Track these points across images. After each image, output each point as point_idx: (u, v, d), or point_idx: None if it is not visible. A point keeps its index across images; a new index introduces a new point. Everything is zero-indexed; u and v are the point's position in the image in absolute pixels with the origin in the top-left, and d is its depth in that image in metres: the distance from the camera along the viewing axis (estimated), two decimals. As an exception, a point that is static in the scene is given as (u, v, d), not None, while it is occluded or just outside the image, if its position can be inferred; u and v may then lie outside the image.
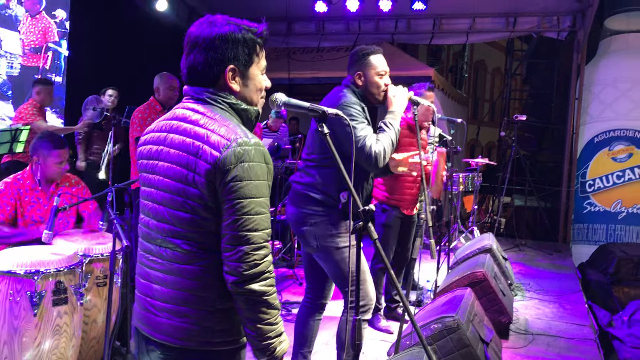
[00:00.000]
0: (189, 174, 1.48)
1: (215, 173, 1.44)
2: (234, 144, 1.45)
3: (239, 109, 1.59)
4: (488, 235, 5.66)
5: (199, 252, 1.51)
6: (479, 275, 4.20)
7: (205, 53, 1.55)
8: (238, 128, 1.52)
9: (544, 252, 7.68)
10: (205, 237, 1.51)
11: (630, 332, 5.02)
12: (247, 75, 1.61)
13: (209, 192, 1.46)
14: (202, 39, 1.55)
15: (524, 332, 4.41)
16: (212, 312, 1.52)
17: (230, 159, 1.44)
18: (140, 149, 1.67)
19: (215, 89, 1.58)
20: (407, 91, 2.85)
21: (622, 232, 8.35)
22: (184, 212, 1.50)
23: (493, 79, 24.47)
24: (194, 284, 1.51)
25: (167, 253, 1.54)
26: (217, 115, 1.54)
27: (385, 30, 9.13)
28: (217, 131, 1.48)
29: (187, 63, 1.59)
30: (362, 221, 1.64)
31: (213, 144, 1.46)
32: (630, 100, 8.46)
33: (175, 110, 1.63)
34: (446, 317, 3.18)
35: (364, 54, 2.80)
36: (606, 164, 8.57)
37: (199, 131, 1.50)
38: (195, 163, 1.47)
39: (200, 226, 1.50)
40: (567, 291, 5.67)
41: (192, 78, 1.59)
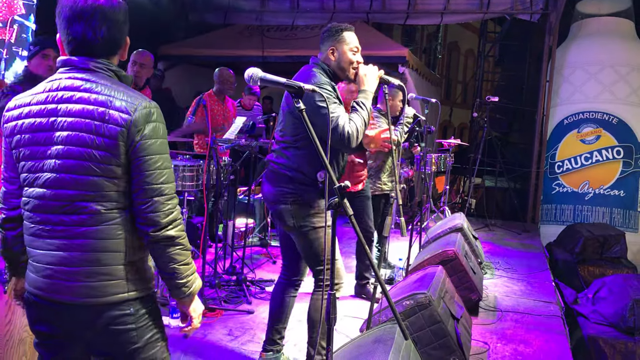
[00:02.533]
0: (96, 138, 1.55)
1: (127, 134, 1.54)
2: (140, 106, 1.56)
3: (120, 76, 1.67)
4: (459, 214, 5.74)
5: (108, 212, 1.58)
6: (450, 253, 4.27)
7: (119, 26, 1.64)
8: (134, 92, 1.62)
9: (513, 231, 7.83)
10: (115, 196, 1.59)
11: (594, 309, 5.16)
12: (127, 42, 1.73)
13: (119, 152, 1.55)
14: (100, 8, 1.60)
15: (493, 309, 4.51)
16: (125, 266, 1.62)
17: (139, 119, 1.55)
18: (14, 123, 1.65)
19: (102, 58, 1.64)
20: (377, 70, 2.85)
21: (589, 213, 8.56)
22: (94, 175, 1.56)
23: (466, 61, 24.63)
24: (104, 243, 1.59)
25: (71, 219, 1.59)
26: (108, 82, 1.61)
27: (360, 9, 9.10)
28: (118, 96, 1.57)
29: (77, 33, 1.61)
30: (337, 197, 1.65)
31: (119, 108, 1.55)
32: (599, 83, 8.62)
33: (58, 81, 1.63)
34: (418, 294, 3.23)
35: (337, 29, 2.78)
36: (575, 145, 8.74)
37: (99, 97, 1.57)
38: (102, 127, 1.54)
39: (111, 186, 1.58)
40: (534, 270, 5.81)
41: (83, 49, 1.63)
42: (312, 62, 2.81)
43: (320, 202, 2.70)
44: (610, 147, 8.52)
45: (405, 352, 2.37)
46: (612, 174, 8.51)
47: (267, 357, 3.04)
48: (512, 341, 3.87)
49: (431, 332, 3.18)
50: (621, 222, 8.41)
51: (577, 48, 8.94)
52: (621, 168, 8.49)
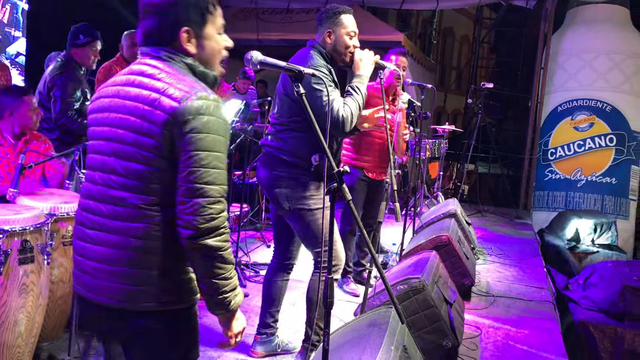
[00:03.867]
0: (143, 123, 1.47)
1: (173, 123, 1.44)
2: (193, 96, 1.45)
3: (196, 71, 1.58)
4: (452, 200, 5.77)
5: (148, 208, 1.48)
6: (443, 238, 4.29)
7: (158, 17, 1.56)
8: (197, 83, 1.52)
9: (506, 217, 7.88)
10: (157, 190, 1.49)
11: (584, 294, 5.23)
12: (203, 35, 1.60)
13: (165, 142, 1.45)
14: (152, 3, 1.55)
15: (486, 294, 4.55)
16: (158, 272, 1.50)
17: (190, 110, 1.43)
18: (92, 104, 1.64)
19: (173, 48, 1.58)
20: (373, 55, 2.85)
21: (581, 200, 8.61)
22: (137, 163, 1.48)
23: (461, 47, 24.52)
24: (139, 242, 1.48)
25: (109, 210, 1.51)
26: (174, 70, 1.53)
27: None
28: (175, 84, 1.48)
29: (142, 27, 1.59)
30: (336, 182, 1.65)
31: (171, 96, 1.45)
32: (593, 71, 8.63)
33: (131, 66, 1.61)
34: (412, 279, 3.25)
35: (335, 12, 2.77)
36: (568, 132, 8.78)
37: (156, 84, 1.49)
38: (151, 113, 1.46)
39: (153, 178, 1.48)
40: (526, 255, 5.85)
41: (149, 41, 1.59)
42: (309, 45, 2.80)
43: (315, 184, 2.71)
44: (604, 135, 8.56)
45: (399, 336, 2.40)
46: (604, 161, 8.56)
47: (261, 340, 3.07)
48: (504, 326, 3.92)
49: (425, 317, 3.21)
50: (613, 209, 8.47)
51: (573, 35, 8.94)
52: (613, 155, 8.54)
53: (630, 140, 8.59)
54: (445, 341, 3.16)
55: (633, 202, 8.81)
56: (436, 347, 3.18)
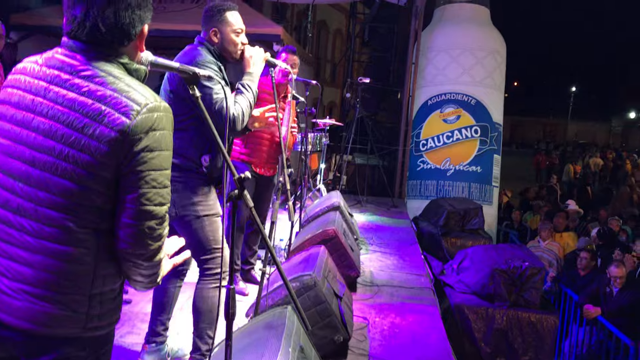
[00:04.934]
0: (83, 138, 1.29)
1: (122, 141, 1.28)
2: (144, 109, 1.30)
3: (131, 69, 1.42)
4: (335, 193, 5.88)
5: (80, 230, 1.33)
6: (330, 232, 4.36)
7: (131, 11, 1.37)
8: (145, 89, 1.36)
9: (383, 207, 8.18)
10: (92, 212, 1.33)
11: (459, 278, 5.57)
12: (144, 32, 1.47)
13: (108, 162, 1.29)
14: None
15: (370, 284, 4.68)
16: (88, 298, 1.38)
17: (143, 126, 1.29)
18: (5, 91, 1.42)
19: (112, 48, 1.39)
20: (263, 52, 2.80)
21: (450, 188, 9.17)
22: (70, 181, 1.30)
23: (334, 40, 25.07)
24: (68, 266, 1.33)
25: (34, 228, 1.33)
26: (114, 72, 1.36)
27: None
28: (123, 92, 1.31)
29: (78, 14, 1.36)
30: (237, 189, 1.59)
31: (120, 108, 1.29)
32: (459, 66, 9.20)
33: (55, 57, 1.39)
34: (304, 276, 3.27)
35: (219, 9, 2.69)
36: (438, 125, 9.29)
37: (98, 90, 1.31)
38: (93, 127, 1.28)
39: (87, 199, 1.32)
40: (405, 243, 6.12)
41: (84, 34, 1.37)
42: (197, 41, 2.69)
43: (204, 189, 2.61)
44: (469, 127, 9.16)
45: (296, 337, 2.39)
46: (470, 151, 9.17)
47: (150, 349, 2.91)
48: (389, 314, 4.06)
49: (317, 313, 3.24)
50: (478, 195, 9.11)
51: (440, 32, 9.45)
52: (478, 146, 9.17)
53: (493, 132, 9.28)
54: (337, 336, 3.22)
55: (495, 188, 9.55)
56: (328, 342, 3.23)
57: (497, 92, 9.44)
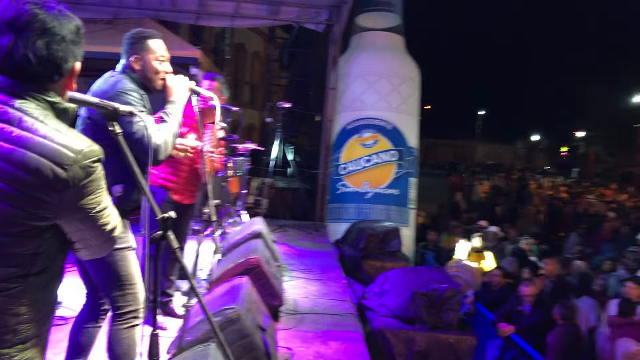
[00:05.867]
0: (11, 190, 1.20)
1: (60, 192, 1.22)
2: (79, 156, 1.24)
3: (59, 109, 1.33)
4: (258, 219, 5.82)
5: (6, 280, 1.25)
6: (253, 261, 4.29)
7: (65, 45, 1.29)
8: (74, 133, 1.29)
9: (305, 231, 8.19)
10: (20, 261, 1.26)
11: (380, 302, 5.63)
12: (75, 69, 1.39)
13: (41, 209, 1.22)
14: (56, 25, 1.27)
15: (294, 313, 4.64)
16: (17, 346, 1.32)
17: (78, 176, 1.24)
18: None
19: (40, 84, 1.29)
20: (187, 80, 2.75)
21: (370, 211, 9.32)
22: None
23: (253, 63, 25.12)
24: None
25: None
26: (40, 116, 1.26)
27: (149, 6, 8.69)
28: (52, 139, 1.23)
29: (4, 46, 1.25)
30: (160, 230, 1.53)
31: (54, 157, 1.21)
32: (376, 92, 9.44)
33: None
34: (227, 309, 3.19)
35: (141, 37, 2.62)
36: (356, 149, 9.46)
37: (26, 137, 1.21)
38: (21, 177, 1.19)
39: (16, 248, 1.24)
40: (327, 269, 6.14)
41: (10, 67, 1.26)
42: (117, 69, 2.59)
43: None
44: (387, 151, 9.39)
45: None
46: (388, 175, 9.40)
47: (63, 395, 2.72)
48: (314, 343, 4.03)
49: (241, 347, 3.16)
50: (397, 218, 9.32)
51: (357, 59, 9.68)
52: (395, 169, 9.42)
53: (408, 155, 9.56)
54: (262, 370, 3.15)
55: (412, 210, 9.82)
56: (254, 376, 3.16)
57: (412, 118, 9.77)
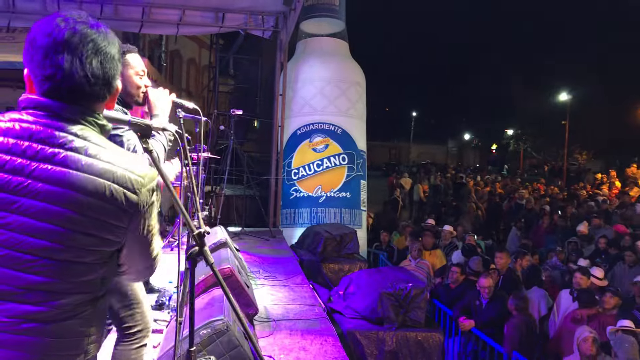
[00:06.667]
0: (84, 219, 1.18)
1: (131, 216, 1.22)
2: (146, 180, 1.25)
3: (106, 130, 1.32)
4: (219, 228, 5.77)
5: (77, 304, 1.24)
6: (226, 271, 4.27)
7: (114, 63, 1.27)
8: (133, 157, 1.29)
9: (262, 238, 8.16)
10: (89, 287, 1.27)
11: (346, 304, 5.71)
12: (118, 87, 1.39)
13: (115, 237, 1.23)
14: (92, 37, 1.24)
15: (267, 320, 4.64)
16: None
17: (146, 198, 1.26)
18: None
19: (91, 106, 1.27)
20: (168, 93, 2.73)
21: (323, 214, 9.42)
22: (66, 261, 1.20)
23: (189, 69, 24.71)
24: (60, 343, 1.25)
25: (19, 309, 1.20)
26: (99, 141, 1.25)
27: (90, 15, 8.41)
28: (119, 164, 1.22)
29: (58, 68, 1.21)
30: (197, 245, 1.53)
31: (124, 183, 1.21)
32: (325, 97, 9.55)
33: (28, 127, 1.20)
34: (215, 321, 3.18)
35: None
36: (308, 154, 9.53)
37: (95, 164, 1.19)
38: (96, 205, 1.18)
39: (87, 275, 1.24)
40: (291, 274, 6.15)
41: (65, 90, 1.23)
42: None
43: None
44: (337, 155, 9.51)
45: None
46: (339, 178, 9.52)
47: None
48: (293, 349, 4.05)
49: (231, 358, 3.16)
50: (349, 220, 9.46)
51: (304, 65, 9.76)
52: (346, 173, 9.55)
53: (358, 159, 9.71)
54: (253, 379, 3.15)
55: (364, 212, 9.98)
56: (244, 386, 3.15)
57: (360, 121, 9.93)
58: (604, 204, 13.43)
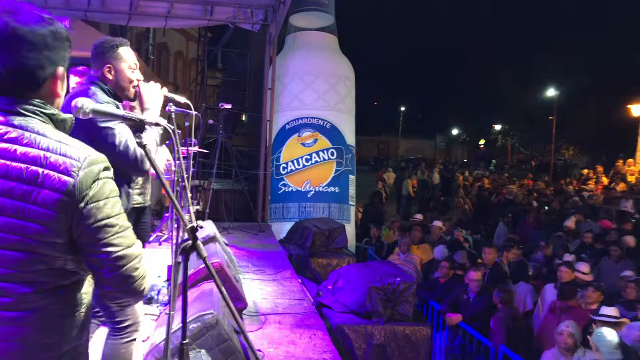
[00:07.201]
0: (25, 207, 1.18)
1: (69, 202, 1.20)
2: (84, 163, 1.24)
3: (57, 120, 1.32)
4: (208, 222, 5.76)
5: (42, 294, 1.25)
6: (215, 265, 4.25)
7: (37, 52, 1.24)
8: (76, 142, 1.29)
9: (251, 232, 8.15)
10: (49, 276, 1.25)
11: (335, 299, 5.72)
12: (65, 77, 1.36)
13: (57, 226, 1.21)
14: (26, 32, 1.23)
15: (256, 314, 4.64)
16: (59, 357, 1.31)
17: (85, 181, 1.23)
18: None
19: (32, 98, 1.27)
20: (160, 87, 2.71)
21: (312, 209, 9.42)
22: (19, 251, 1.20)
23: (176, 62, 24.63)
24: (32, 331, 1.25)
25: None
26: (41, 129, 1.25)
27: (77, 7, 8.34)
28: (55, 150, 1.22)
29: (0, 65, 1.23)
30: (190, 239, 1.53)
31: (58, 167, 1.21)
32: (314, 92, 9.53)
33: None
34: (205, 315, 3.17)
35: (112, 45, 2.56)
36: (296, 148, 9.52)
37: (31, 152, 1.20)
38: (34, 193, 1.19)
39: (41, 265, 1.23)
40: (279, 268, 6.15)
41: (10, 87, 1.25)
42: (87, 81, 2.52)
43: None
44: (326, 149, 9.51)
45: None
46: (328, 173, 9.52)
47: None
48: (282, 343, 4.06)
49: (220, 351, 3.15)
50: (338, 215, 9.47)
51: (293, 59, 9.73)
52: (335, 167, 9.55)
53: (347, 153, 9.72)
54: (243, 373, 3.16)
55: (352, 207, 10.00)
56: (235, 380, 3.15)
57: (349, 116, 9.93)
58: (589, 199, 13.56)
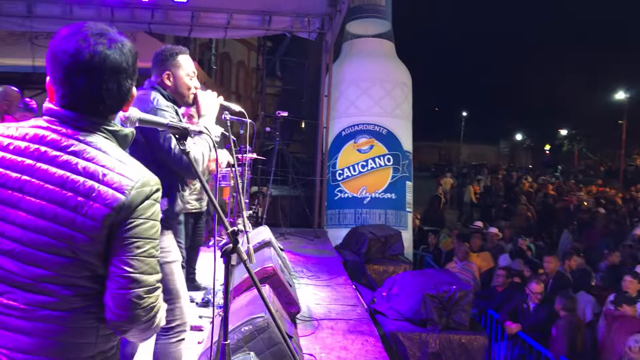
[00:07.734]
0: (76, 217, 1.26)
1: (115, 218, 1.27)
2: (137, 184, 1.30)
3: (120, 136, 1.40)
4: (264, 228, 5.86)
5: (81, 297, 1.32)
6: (269, 270, 4.34)
7: (119, 75, 1.34)
8: (134, 162, 1.35)
9: (307, 238, 8.22)
10: (90, 282, 1.32)
11: (389, 306, 5.69)
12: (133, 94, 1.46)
13: (102, 238, 1.28)
14: (115, 58, 1.32)
15: (309, 319, 4.68)
16: (93, 358, 1.37)
17: (136, 201, 1.29)
18: None
19: (105, 116, 1.37)
20: (216, 95, 2.80)
21: (368, 215, 9.40)
22: (66, 257, 1.28)
23: (238, 72, 25.13)
24: (72, 331, 1.32)
25: (35, 299, 1.30)
26: (104, 146, 1.33)
27: (141, 20, 8.69)
28: (113, 168, 1.29)
29: (78, 89, 1.32)
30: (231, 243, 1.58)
31: (112, 184, 1.27)
32: (370, 98, 9.54)
33: (41, 132, 1.33)
34: (256, 318, 3.24)
35: (172, 53, 2.67)
36: (352, 154, 9.55)
37: (90, 167, 1.28)
38: (85, 205, 1.26)
39: (81, 271, 1.30)
40: (334, 274, 6.18)
41: (82, 105, 1.34)
42: (148, 86, 2.63)
43: (163, 233, 2.53)
44: (382, 155, 9.48)
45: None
46: (384, 179, 9.49)
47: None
48: (334, 348, 4.08)
49: (271, 355, 3.21)
50: (394, 221, 9.41)
51: (350, 66, 9.78)
52: (392, 174, 9.51)
53: (404, 159, 9.66)
54: (293, 376, 3.19)
55: (409, 213, 9.91)
56: (284, 383, 3.20)
57: (406, 122, 9.87)
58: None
